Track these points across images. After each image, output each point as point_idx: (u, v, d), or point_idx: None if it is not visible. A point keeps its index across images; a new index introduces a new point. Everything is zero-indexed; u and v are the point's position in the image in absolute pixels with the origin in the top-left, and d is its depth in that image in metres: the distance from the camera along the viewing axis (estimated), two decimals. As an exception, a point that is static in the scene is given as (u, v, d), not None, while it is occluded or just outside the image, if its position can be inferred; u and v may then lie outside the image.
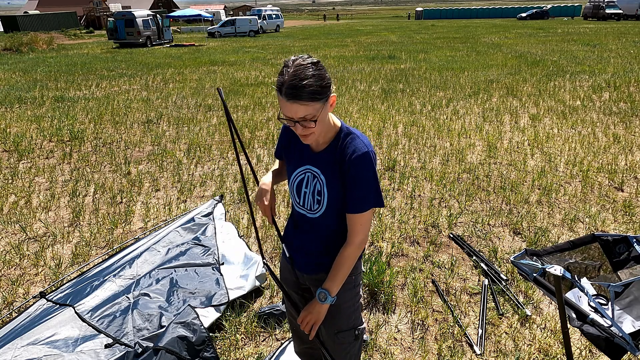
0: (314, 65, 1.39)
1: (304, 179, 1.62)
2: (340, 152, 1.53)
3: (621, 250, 2.00)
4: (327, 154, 1.57)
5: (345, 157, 1.51)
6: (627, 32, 25.09)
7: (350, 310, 1.74)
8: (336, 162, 1.54)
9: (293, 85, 1.36)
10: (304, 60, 1.40)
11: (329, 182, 1.56)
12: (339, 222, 1.63)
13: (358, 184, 1.51)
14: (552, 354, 2.53)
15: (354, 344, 1.78)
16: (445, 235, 3.88)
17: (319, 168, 1.58)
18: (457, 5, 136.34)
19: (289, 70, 1.38)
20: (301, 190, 1.63)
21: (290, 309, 1.96)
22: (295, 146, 1.67)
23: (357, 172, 1.50)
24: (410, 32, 31.95)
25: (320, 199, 1.59)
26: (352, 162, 1.50)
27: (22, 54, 22.11)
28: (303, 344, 2.03)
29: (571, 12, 58.11)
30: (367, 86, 10.98)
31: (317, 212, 1.62)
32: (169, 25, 30.17)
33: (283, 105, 1.41)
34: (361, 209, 1.53)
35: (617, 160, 5.44)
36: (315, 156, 1.60)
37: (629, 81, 10.30)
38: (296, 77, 1.36)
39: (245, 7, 77.16)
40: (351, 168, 1.50)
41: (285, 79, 1.37)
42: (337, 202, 1.58)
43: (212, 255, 3.22)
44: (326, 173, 1.57)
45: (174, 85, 11.94)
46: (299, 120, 1.42)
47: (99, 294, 2.69)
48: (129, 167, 5.69)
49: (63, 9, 52.57)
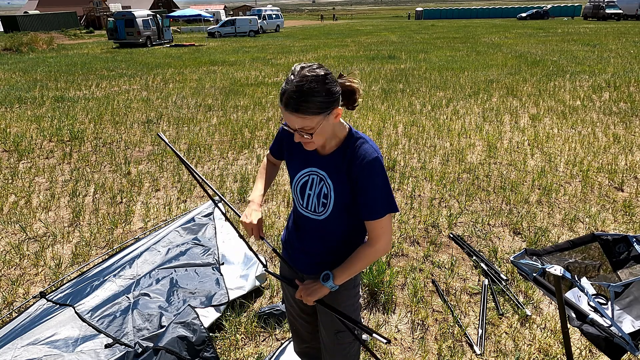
0: (321, 78, 1.33)
1: (308, 181, 1.59)
2: (350, 157, 1.49)
3: (621, 250, 2.00)
4: (335, 157, 1.53)
5: (355, 163, 1.47)
6: (627, 32, 25.09)
7: (350, 310, 1.73)
8: (344, 166, 1.50)
9: (294, 97, 1.32)
10: (312, 71, 1.33)
11: (336, 186, 1.52)
12: (343, 224, 1.61)
13: (370, 190, 1.47)
14: (552, 354, 2.53)
15: (353, 344, 1.78)
16: (445, 235, 3.88)
17: (326, 171, 1.54)
18: (457, 5, 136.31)
19: (293, 80, 1.33)
20: (305, 192, 1.60)
21: (290, 309, 1.96)
22: (299, 147, 1.62)
23: (367, 178, 1.46)
24: (410, 32, 31.95)
25: (327, 202, 1.55)
26: (363, 168, 1.46)
27: (22, 54, 22.11)
28: (303, 344, 2.03)
29: (571, 12, 58.09)
30: (367, 86, 10.98)
31: (322, 215, 1.59)
32: (169, 25, 30.16)
33: (283, 112, 1.38)
34: (376, 215, 1.48)
35: (617, 160, 5.44)
36: (322, 159, 1.56)
37: (629, 81, 10.30)
38: (298, 90, 1.31)
39: (245, 7, 77.14)
40: (361, 174, 1.46)
41: (288, 88, 1.32)
42: (343, 206, 1.55)
43: (212, 255, 3.22)
44: (333, 177, 1.53)
45: (174, 85, 11.94)
46: (298, 129, 1.39)
47: (99, 294, 2.69)
48: (129, 167, 5.69)
49: (63, 9, 52.56)
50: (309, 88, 1.31)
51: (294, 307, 1.92)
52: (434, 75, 12.19)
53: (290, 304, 1.93)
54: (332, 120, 1.42)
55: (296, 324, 1.97)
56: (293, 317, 1.95)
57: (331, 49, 20.75)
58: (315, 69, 1.34)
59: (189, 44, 26.55)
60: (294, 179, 1.64)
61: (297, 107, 1.32)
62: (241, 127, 7.46)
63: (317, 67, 1.35)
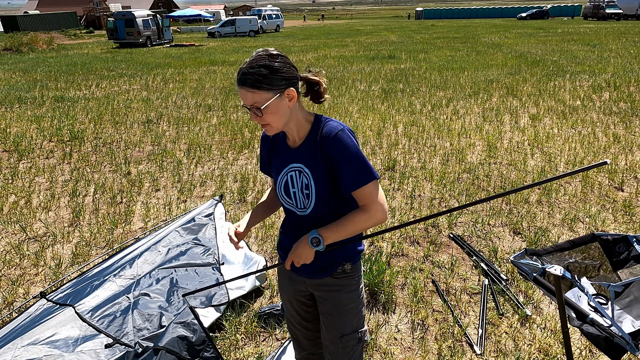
0: (270, 56, 1.44)
1: (289, 179, 1.61)
2: (319, 138, 1.54)
3: (621, 249, 2.00)
4: (307, 144, 1.57)
5: (325, 141, 1.51)
6: (627, 32, 25.08)
7: (354, 312, 1.73)
8: (318, 150, 1.53)
9: (243, 71, 1.43)
10: (266, 51, 1.45)
11: (313, 173, 1.55)
12: (330, 214, 1.59)
13: (344, 161, 1.49)
14: (552, 354, 2.53)
15: (357, 347, 1.76)
16: (445, 235, 3.88)
17: (302, 162, 1.57)
18: (457, 5, 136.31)
19: (248, 60, 1.45)
20: (289, 191, 1.61)
21: (290, 318, 1.93)
22: (276, 153, 1.67)
23: (338, 150, 1.49)
24: (410, 32, 31.94)
25: (309, 192, 1.57)
26: (331, 142, 1.50)
27: (22, 54, 22.11)
28: (303, 351, 2.01)
29: (571, 12, 58.08)
30: (367, 86, 10.98)
31: (308, 208, 1.59)
32: (169, 25, 30.17)
33: (239, 92, 1.47)
34: (358, 182, 1.49)
35: (617, 160, 5.44)
36: (295, 152, 1.59)
37: (629, 81, 10.30)
38: (249, 65, 1.43)
39: (245, 7, 77.14)
40: (332, 149, 1.50)
41: (242, 66, 1.44)
42: (324, 192, 1.56)
43: (213, 255, 3.22)
44: (309, 164, 1.56)
45: (174, 85, 11.94)
46: (250, 107, 1.46)
47: (99, 294, 2.69)
48: (129, 167, 5.69)
49: (63, 9, 52.56)
50: (258, 64, 1.42)
51: (295, 316, 1.89)
52: (434, 75, 12.19)
53: (291, 313, 1.90)
54: (287, 103, 1.48)
55: (296, 332, 1.95)
56: (293, 326, 1.94)
57: (331, 49, 20.75)
58: (270, 50, 1.46)
59: (189, 44, 26.56)
60: (276, 183, 1.66)
61: (245, 80, 1.42)
62: (241, 127, 7.46)
63: (274, 49, 1.47)
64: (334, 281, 1.69)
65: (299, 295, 1.81)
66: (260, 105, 1.44)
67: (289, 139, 1.62)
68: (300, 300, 1.83)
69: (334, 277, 1.68)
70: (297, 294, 1.81)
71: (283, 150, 1.64)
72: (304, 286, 1.77)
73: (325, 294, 1.71)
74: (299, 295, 1.81)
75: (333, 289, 1.70)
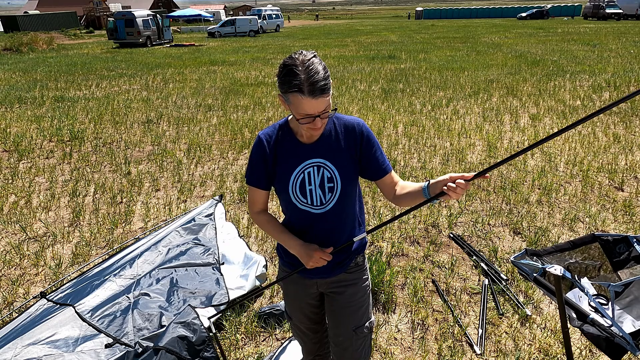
0: (315, 57, 1.42)
1: (305, 177, 1.57)
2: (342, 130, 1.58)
3: (621, 250, 2.00)
4: (326, 138, 1.57)
5: (350, 131, 1.58)
6: (627, 32, 25.08)
7: (366, 304, 1.77)
8: (342, 141, 1.57)
9: (315, 81, 1.36)
10: (306, 56, 1.39)
11: (337, 163, 1.56)
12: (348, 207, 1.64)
13: (375, 148, 1.60)
14: (552, 353, 2.53)
15: (368, 337, 1.81)
16: (445, 235, 3.88)
17: (321, 157, 1.56)
18: (457, 5, 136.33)
19: (300, 69, 1.35)
20: (305, 190, 1.58)
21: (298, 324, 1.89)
22: (284, 153, 1.58)
23: (367, 139, 1.59)
24: (410, 32, 31.93)
25: (333, 185, 1.57)
26: (359, 132, 1.58)
27: (22, 54, 22.11)
28: (311, 355, 2.00)
29: (571, 11, 58.05)
30: (367, 86, 10.98)
31: (330, 202, 1.58)
32: (169, 25, 30.16)
33: (306, 103, 1.38)
34: (389, 168, 1.63)
35: (617, 160, 5.44)
36: (312, 148, 1.57)
37: (629, 81, 10.30)
38: (314, 74, 1.36)
39: (245, 7, 77.12)
40: (360, 137, 1.58)
41: (303, 78, 1.35)
42: (349, 181, 1.60)
43: (213, 255, 3.22)
44: (332, 157, 1.56)
45: (174, 85, 11.94)
46: (320, 114, 1.41)
47: (99, 294, 2.69)
48: (129, 167, 5.69)
49: (63, 9, 52.54)
50: (319, 69, 1.37)
51: (305, 322, 1.86)
52: (434, 75, 12.18)
53: (301, 320, 1.87)
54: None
55: (305, 338, 1.93)
56: (302, 332, 1.91)
57: (331, 49, 20.75)
58: (307, 54, 1.41)
59: (189, 44, 26.54)
60: (289, 184, 1.58)
61: (324, 89, 1.38)
62: (241, 127, 7.46)
63: (309, 52, 1.43)
64: (347, 276, 1.73)
65: (310, 298, 1.81)
66: (329, 109, 1.43)
67: (303, 136, 1.56)
68: (311, 303, 1.82)
69: (347, 272, 1.72)
70: (309, 297, 1.80)
71: (295, 147, 1.57)
72: (315, 288, 1.77)
73: (340, 289, 1.73)
74: (310, 298, 1.81)
75: (347, 283, 1.73)
